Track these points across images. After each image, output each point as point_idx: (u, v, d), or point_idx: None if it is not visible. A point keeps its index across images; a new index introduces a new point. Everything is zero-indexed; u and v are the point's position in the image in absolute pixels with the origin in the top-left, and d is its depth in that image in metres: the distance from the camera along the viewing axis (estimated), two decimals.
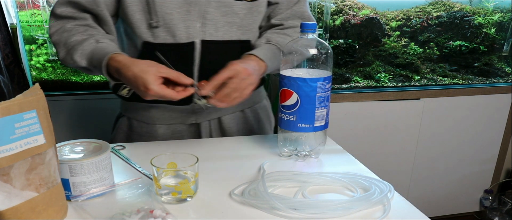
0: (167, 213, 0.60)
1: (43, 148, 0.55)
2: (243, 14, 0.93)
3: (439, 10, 2.13)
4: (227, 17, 0.92)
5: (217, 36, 0.92)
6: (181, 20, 0.89)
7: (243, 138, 1.00)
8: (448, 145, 2.06)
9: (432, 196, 2.17)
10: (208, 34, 0.91)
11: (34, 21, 1.63)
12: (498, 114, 2.08)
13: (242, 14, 0.93)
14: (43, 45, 1.68)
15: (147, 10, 0.88)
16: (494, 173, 2.22)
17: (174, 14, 0.88)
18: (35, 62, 1.68)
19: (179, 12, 0.88)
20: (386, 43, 2.07)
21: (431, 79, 2.05)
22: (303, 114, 0.80)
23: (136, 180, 0.72)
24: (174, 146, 0.94)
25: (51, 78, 1.68)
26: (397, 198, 0.70)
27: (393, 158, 2.00)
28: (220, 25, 0.92)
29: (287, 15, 1.00)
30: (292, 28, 1.00)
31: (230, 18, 0.92)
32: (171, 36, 0.90)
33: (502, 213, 2.18)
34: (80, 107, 1.64)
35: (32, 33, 1.65)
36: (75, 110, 1.64)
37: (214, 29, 0.91)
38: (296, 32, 0.98)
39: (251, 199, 0.67)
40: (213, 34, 0.92)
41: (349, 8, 2.00)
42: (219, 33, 0.92)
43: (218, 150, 0.91)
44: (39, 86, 0.57)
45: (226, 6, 0.91)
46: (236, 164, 0.83)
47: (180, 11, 0.88)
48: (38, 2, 1.61)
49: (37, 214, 0.56)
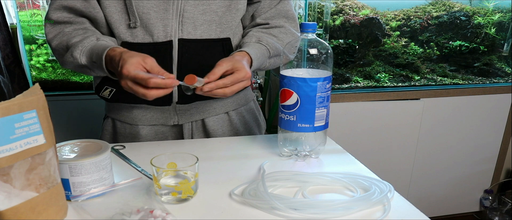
0: (167, 213, 0.60)
1: (43, 148, 0.55)
2: (222, 12, 0.93)
3: (439, 10, 2.12)
4: (206, 15, 0.91)
5: (196, 34, 0.92)
6: (158, 19, 0.89)
7: (243, 138, 1.00)
8: (448, 145, 2.06)
9: (432, 196, 2.17)
10: (186, 32, 0.91)
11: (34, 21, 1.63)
12: (498, 114, 2.08)
13: (221, 12, 0.93)
14: (43, 45, 1.68)
15: (125, 10, 0.88)
16: (494, 173, 2.22)
17: (151, 14, 0.88)
18: (35, 62, 1.68)
19: (156, 11, 0.88)
20: (386, 43, 2.07)
21: (431, 79, 2.05)
22: (303, 113, 0.80)
23: (136, 180, 0.72)
24: (174, 146, 0.94)
25: (51, 78, 1.68)
26: (397, 198, 0.70)
27: (393, 158, 2.00)
28: (199, 23, 0.91)
29: (271, 14, 0.99)
30: (278, 28, 0.99)
31: (209, 16, 0.92)
32: (150, 35, 0.90)
33: (502, 213, 2.18)
34: (80, 108, 1.64)
35: (32, 33, 1.66)
36: (75, 110, 1.64)
37: (192, 27, 0.91)
38: (282, 33, 0.98)
39: (251, 199, 0.67)
40: (191, 33, 0.91)
41: (349, 8, 2.00)
42: (198, 31, 0.92)
43: (218, 150, 0.91)
44: (39, 86, 0.57)
45: (204, 4, 0.90)
46: (236, 164, 0.83)
47: (158, 10, 0.88)
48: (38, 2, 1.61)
49: (37, 214, 0.56)
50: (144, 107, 0.99)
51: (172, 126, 1.02)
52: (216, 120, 1.04)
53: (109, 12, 0.89)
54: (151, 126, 1.01)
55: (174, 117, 1.00)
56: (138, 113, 1.00)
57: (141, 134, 1.01)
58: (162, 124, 1.01)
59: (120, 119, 1.02)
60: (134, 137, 1.02)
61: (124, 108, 1.01)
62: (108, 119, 1.05)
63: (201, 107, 1.01)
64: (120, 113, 1.02)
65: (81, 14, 0.91)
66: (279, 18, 1.00)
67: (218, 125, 1.04)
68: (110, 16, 0.89)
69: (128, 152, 0.88)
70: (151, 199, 0.64)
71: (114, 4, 0.88)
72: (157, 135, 1.02)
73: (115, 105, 1.02)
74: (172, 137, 1.03)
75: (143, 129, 1.01)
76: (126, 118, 1.01)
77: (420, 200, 2.14)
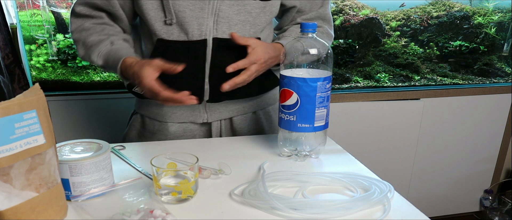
0: (167, 213, 0.60)
1: (43, 148, 0.55)
2: (256, 13, 0.95)
3: (439, 10, 2.12)
4: (240, 15, 0.93)
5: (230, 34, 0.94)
6: (194, 17, 0.90)
7: (243, 138, 1.00)
8: (448, 145, 2.06)
9: (432, 196, 2.17)
10: (221, 32, 0.93)
11: (34, 21, 1.63)
12: (498, 114, 2.08)
13: (255, 12, 0.94)
14: (43, 45, 1.68)
15: (162, 7, 0.90)
16: (494, 173, 2.22)
17: (187, 12, 0.90)
18: (35, 62, 1.68)
19: (192, 9, 0.90)
20: (386, 43, 2.07)
21: (431, 79, 2.05)
22: (303, 113, 0.80)
23: (136, 180, 0.72)
24: (174, 146, 0.94)
25: (51, 78, 1.68)
26: (397, 198, 0.70)
27: (393, 158, 2.00)
28: (233, 23, 0.93)
29: (311, 16, 1.05)
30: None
31: (243, 17, 0.93)
32: (185, 33, 0.92)
33: (502, 213, 2.18)
34: (80, 107, 1.64)
35: (32, 33, 1.65)
36: (75, 109, 1.64)
37: (227, 27, 0.93)
38: (319, 32, 1.04)
39: (251, 199, 0.67)
40: (225, 32, 0.93)
41: (349, 8, 2.00)
42: (232, 31, 0.94)
43: (218, 150, 0.91)
44: (39, 86, 0.57)
45: (240, 5, 0.92)
46: (236, 164, 0.83)
47: (194, 9, 0.90)
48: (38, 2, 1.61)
49: (37, 214, 0.56)
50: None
51: (201, 124, 1.04)
52: (244, 118, 1.06)
53: (146, 9, 0.91)
54: (180, 123, 1.03)
55: (204, 115, 1.02)
56: (168, 110, 1.02)
57: (169, 131, 1.03)
58: (191, 122, 1.03)
59: (149, 115, 1.05)
60: (162, 134, 1.04)
61: (154, 105, 1.03)
62: (137, 115, 1.08)
63: (231, 106, 1.03)
64: (150, 110, 1.04)
65: (100, 9, 0.96)
66: (318, 20, 1.05)
67: (245, 123, 1.07)
68: (146, 13, 0.91)
69: (128, 152, 0.88)
70: (151, 199, 0.64)
71: (151, 2, 0.91)
72: (185, 133, 1.04)
73: (145, 101, 1.04)
74: (200, 135, 1.06)
75: (172, 126, 1.03)
76: (155, 114, 1.03)
77: (420, 200, 2.14)
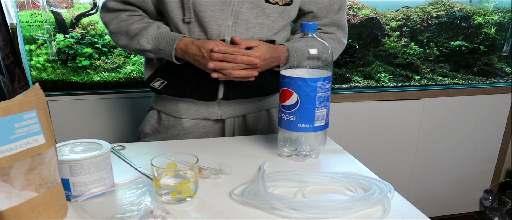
0: (167, 213, 0.60)
1: (43, 148, 0.55)
2: (275, 17, 0.96)
3: (439, 10, 2.12)
4: (259, 19, 0.95)
5: (248, 35, 0.96)
6: (213, 18, 0.93)
7: (243, 138, 1.00)
8: (448, 145, 2.06)
9: (432, 196, 2.17)
10: (239, 33, 0.95)
11: (34, 21, 1.63)
12: (498, 114, 2.08)
13: (274, 17, 0.96)
14: (43, 45, 1.68)
15: (181, 6, 0.93)
16: (494, 173, 2.22)
17: (207, 12, 0.92)
18: (35, 62, 1.68)
19: (212, 10, 0.92)
20: (386, 43, 2.07)
21: (431, 79, 2.05)
22: (303, 114, 0.80)
23: (136, 180, 0.72)
24: (174, 146, 0.94)
25: (51, 78, 1.68)
26: (397, 198, 0.70)
27: (393, 158, 2.00)
28: (251, 25, 0.95)
29: (326, 22, 1.06)
30: (328, 34, 1.06)
31: (261, 20, 0.95)
32: (204, 32, 0.95)
33: (502, 213, 2.18)
34: (80, 107, 1.63)
35: (32, 33, 1.65)
36: (75, 109, 1.64)
37: (245, 28, 0.95)
38: (330, 38, 1.05)
39: (251, 199, 0.67)
40: (243, 34, 0.95)
41: (349, 8, 2.00)
42: (250, 33, 0.96)
43: (218, 150, 0.91)
44: (39, 86, 0.57)
45: (259, 8, 0.94)
46: (236, 164, 0.83)
47: (214, 9, 0.92)
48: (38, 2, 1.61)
49: (37, 214, 0.56)
50: (189, 101, 1.04)
51: (215, 120, 1.07)
52: (257, 116, 1.09)
53: (170, 7, 0.94)
54: (194, 120, 1.06)
55: (218, 112, 1.05)
56: (183, 106, 1.04)
57: (184, 127, 1.05)
58: (205, 118, 1.06)
59: (165, 111, 1.07)
60: (176, 130, 1.06)
61: (170, 101, 1.05)
62: (154, 111, 1.10)
63: (244, 104, 1.06)
64: (166, 105, 1.06)
65: (133, 4, 0.99)
66: (332, 26, 1.06)
67: (258, 121, 1.09)
68: (170, 12, 0.94)
69: (128, 152, 0.88)
70: (151, 199, 0.65)
71: (174, 1, 0.93)
72: (199, 129, 1.07)
73: (162, 97, 1.06)
74: (213, 132, 1.08)
75: (187, 122, 1.05)
76: (171, 110, 1.06)
77: (420, 200, 2.14)
